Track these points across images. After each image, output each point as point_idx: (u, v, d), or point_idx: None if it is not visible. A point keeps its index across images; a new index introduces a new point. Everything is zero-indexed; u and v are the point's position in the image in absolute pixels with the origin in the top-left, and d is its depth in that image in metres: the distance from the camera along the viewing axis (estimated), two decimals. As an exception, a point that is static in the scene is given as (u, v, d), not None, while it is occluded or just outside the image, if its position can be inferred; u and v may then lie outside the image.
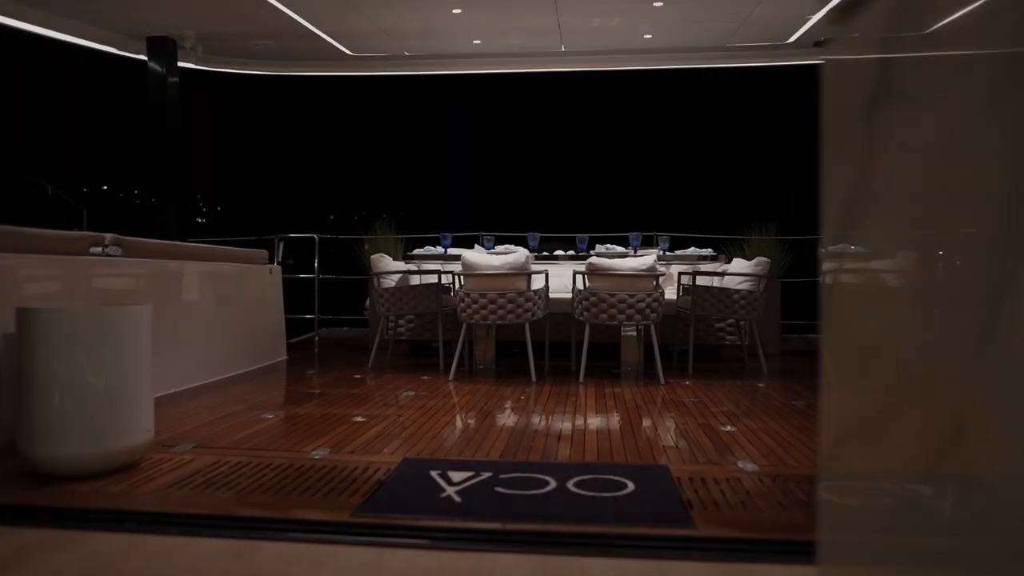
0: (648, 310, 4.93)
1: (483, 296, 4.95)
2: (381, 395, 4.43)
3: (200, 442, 3.15)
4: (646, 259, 4.94)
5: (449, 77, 7.45)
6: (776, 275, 6.74)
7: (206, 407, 3.96)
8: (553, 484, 2.53)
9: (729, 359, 6.32)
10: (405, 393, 4.49)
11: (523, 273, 4.98)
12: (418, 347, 6.60)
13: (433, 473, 2.67)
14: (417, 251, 5.78)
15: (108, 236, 3.95)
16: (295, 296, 8.50)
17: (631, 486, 2.52)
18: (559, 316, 6.06)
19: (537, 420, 3.70)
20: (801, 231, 7.41)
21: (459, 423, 3.63)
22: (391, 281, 5.85)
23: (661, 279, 5.07)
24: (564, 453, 3.01)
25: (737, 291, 5.44)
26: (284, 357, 6.28)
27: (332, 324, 9.43)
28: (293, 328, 8.55)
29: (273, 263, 7.71)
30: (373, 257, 5.85)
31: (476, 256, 5.02)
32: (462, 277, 5.09)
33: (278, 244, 7.74)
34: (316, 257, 7.72)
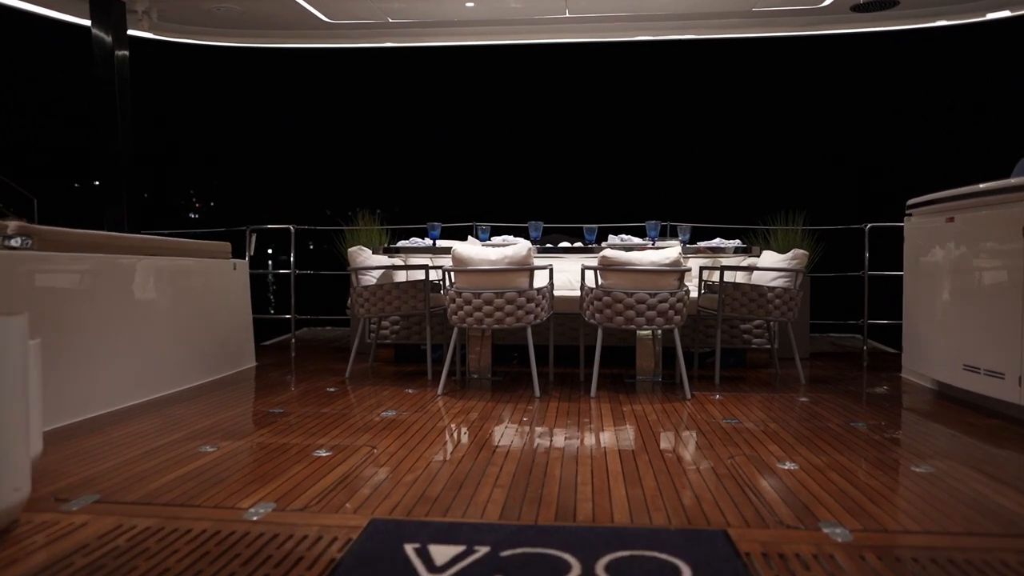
0: (672, 311, 4.19)
1: (477, 296, 4.20)
2: (355, 416, 3.69)
3: (107, 492, 2.40)
4: (669, 252, 4.20)
5: (439, 49, 6.67)
6: (807, 270, 6.02)
7: (136, 435, 3.21)
8: (576, 569, 1.80)
9: (756, 365, 5.60)
10: (384, 413, 3.75)
11: (524, 269, 4.23)
12: (404, 351, 5.86)
13: (409, 548, 1.93)
14: (401, 243, 5.03)
15: (12, 224, 3.19)
16: (285, 294, 7.76)
17: (687, 572, 1.78)
18: (564, 317, 5.34)
19: (545, 454, 2.96)
20: (831, 220, 6.68)
21: (447, 458, 2.89)
22: (371, 278, 5.10)
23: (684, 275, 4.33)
24: (585, 509, 2.28)
25: (771, 288, 4.70)
26: (252, 364, 5.54)
27: (315, 323, 8.69)
28: (273, 328, 7.80)
29: (245, 257, 6.97)
30: (350, 251, 5.09)
31: (469, 249, 4.27)
32: (452, 274, 4.34)
33: (250, 236, 6.99)
34: (292, 251, 6.96)
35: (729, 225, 6.89)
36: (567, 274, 5.56)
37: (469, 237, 6.36)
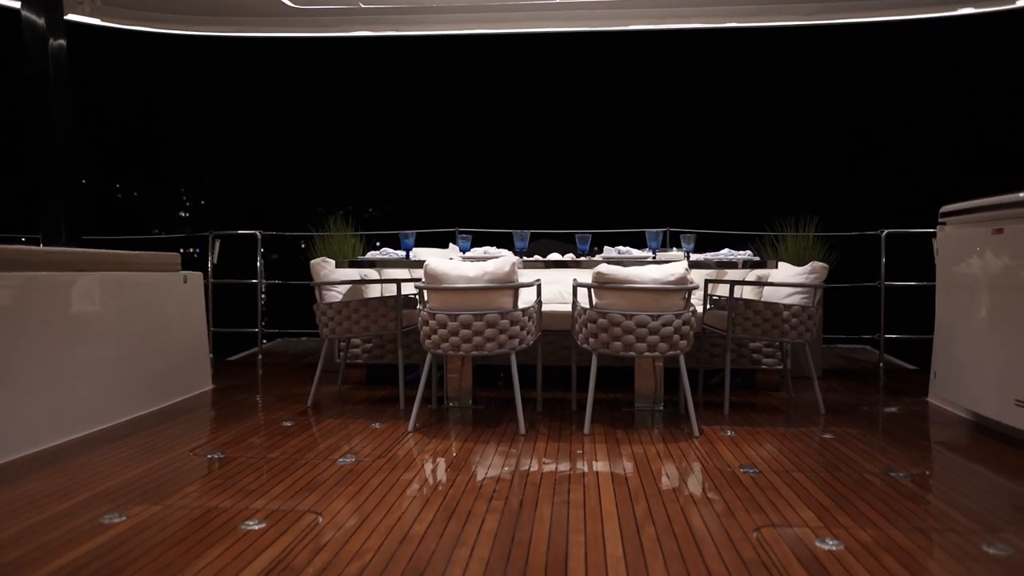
0: (677, 336, 3.65)
1: (453, 318, 3.65)
2: (307, 463, 3.13)
3: (-48, 600, 1.84)
4: (674, 267, 3.66)
5: (417, 39, 6.11)
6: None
7: (30, 497, 2.64)
8: None
9: (766, 387, 5.07)
10: (341, 460, 3.19)
11: (507, 287, 3.68)
12: (377, 372, 5.30)
13: None
14: (371, 254, 4.47)
15: None
16: (270, 303, 7.21)
17: None
18: (554, 334, 4.80)
19: (528, 527, 2.41)
20: (844, 225, 6.15)
21: (408, 531, 2.34)
22: (336, 294, 4.54)
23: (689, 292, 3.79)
24: (577, 625, 1.73)
25: (787, 307, 4.17)
26: (208, 387, 4.97)
27: (291, 335, 8.13)
28: (249, 340, 7.16)
29: (207, 265, 6.40)
30: (313, 264, 4.53)
31: (443, 264, 3.72)
32: (426, 292, 3.79)
33: (213, 243, 6.43)
34: (259, 258, 6.39)
35: (735, 231, 6.37)
36: (558, 285, 5.01)
37: (450, 245, 5.82)
